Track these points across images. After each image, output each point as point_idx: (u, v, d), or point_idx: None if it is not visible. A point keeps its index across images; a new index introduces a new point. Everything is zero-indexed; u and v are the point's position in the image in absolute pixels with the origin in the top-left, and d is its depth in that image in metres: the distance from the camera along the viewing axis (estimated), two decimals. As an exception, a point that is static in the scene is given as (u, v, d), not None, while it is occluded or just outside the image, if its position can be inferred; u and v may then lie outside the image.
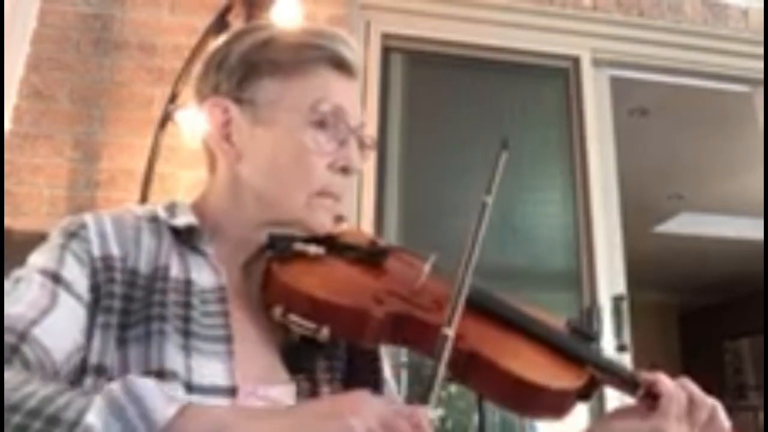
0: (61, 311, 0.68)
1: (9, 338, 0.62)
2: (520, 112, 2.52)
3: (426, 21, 2.48)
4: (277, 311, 0.75)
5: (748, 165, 3.99)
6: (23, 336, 0.63)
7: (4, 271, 0.74)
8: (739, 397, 6.66)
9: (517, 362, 0.75)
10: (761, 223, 3.44)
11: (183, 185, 2.02)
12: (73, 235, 0.74)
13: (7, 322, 0.64)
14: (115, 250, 0.74)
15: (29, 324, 0.64)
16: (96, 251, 0.73)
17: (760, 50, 2.63)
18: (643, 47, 2.61)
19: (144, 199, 1.88)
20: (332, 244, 0.82)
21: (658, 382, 0.76)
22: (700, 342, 7.09)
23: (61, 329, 0.67)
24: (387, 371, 0.90)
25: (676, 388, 0.75)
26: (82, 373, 0.68)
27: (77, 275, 0.71)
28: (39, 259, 0.72)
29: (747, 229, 4.87)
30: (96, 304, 0.70)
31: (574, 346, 0.81)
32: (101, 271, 0.72)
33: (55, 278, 0.70)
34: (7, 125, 2.03)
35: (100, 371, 0.67)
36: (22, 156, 2.03)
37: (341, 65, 0.83)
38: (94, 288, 0.71)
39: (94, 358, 0.68)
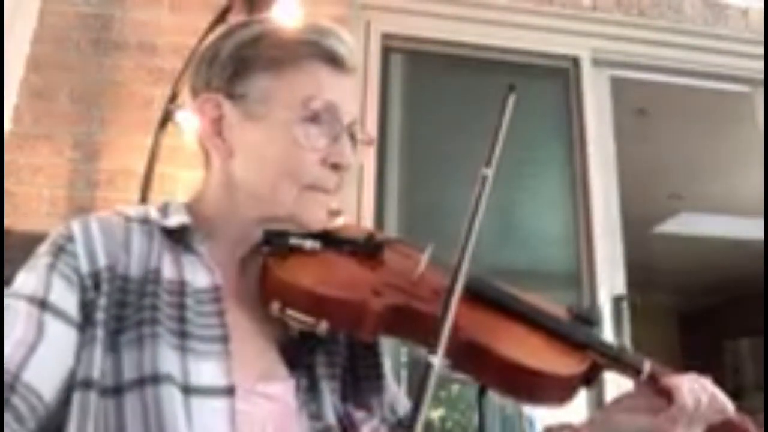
0: (49, 341, 0.67)
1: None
2: (520, 112, 2.51)
3: (426, 21, 2.48)
4: (275, 307, 0.74)
5: (748, 165, 3.98)
6: (13, 386, 0.64)
7: (4, 271, 0.74)
8: (738, 397, 6.65)
9: (518, 350, 0.74)
10: (761, 223, 3.43)
11: (183, 185, 2.02)
12: (60, 250, 0.72)
13: None
14: (102, 262, 0.72)
15: (17, 369, 0.65)
16: (84, 268, 0.71)
17: (760, 50, 2.63)
18: (643, 47, 2.61)
19: (144, 199, 1.87)
20: (328, 239, 0.82)
21: (675, 391, 0.74)
22: (700, 342, 7.08)
23: (51, 362, 0.67)
24: (387, 365, 0.89)
25: (691, 399, 0.73)
26: (70, 389, 0.67)
27: (66, 297, 0.70)
28: (26, 284, 0.71)
29: (747, 229, 4.87)
30: (87, 321, 0.70)
31: (575, 332, 0.80)
32: (90, 289, 0.71)
33: (42, 305, 0.69)
34: (7, 125, 2.03)
35: (87, 385, 0.67)
36: (22, 156, 2.03)
37: (334, 60, 0.82)
38: (84, 305, 0.70)
39: (80, 373, 0.67)
